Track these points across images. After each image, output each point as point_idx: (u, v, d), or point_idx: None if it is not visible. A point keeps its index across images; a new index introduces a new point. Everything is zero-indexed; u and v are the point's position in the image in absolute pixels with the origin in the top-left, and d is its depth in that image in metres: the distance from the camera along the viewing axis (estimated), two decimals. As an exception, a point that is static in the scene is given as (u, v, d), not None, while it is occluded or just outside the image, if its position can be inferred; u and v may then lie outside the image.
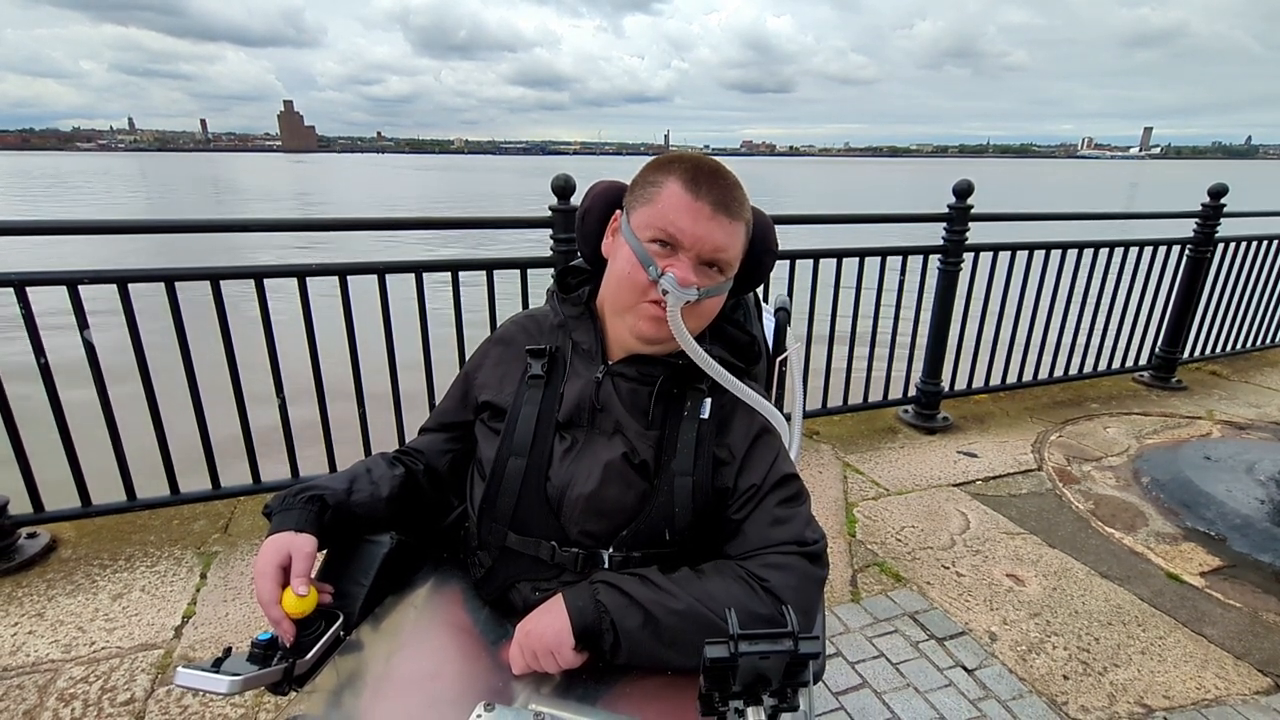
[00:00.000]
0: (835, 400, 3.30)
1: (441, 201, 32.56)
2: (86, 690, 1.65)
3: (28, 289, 2.00)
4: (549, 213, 2.39)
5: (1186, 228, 3.78)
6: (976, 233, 3.15)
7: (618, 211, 0.98)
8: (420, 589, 1.03)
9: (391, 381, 2.47)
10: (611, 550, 0.92)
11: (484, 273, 2.47)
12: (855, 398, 3.37)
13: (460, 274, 2.45)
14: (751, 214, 0.97)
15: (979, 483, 2.82)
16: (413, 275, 2.39)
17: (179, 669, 0.77)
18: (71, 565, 2.13)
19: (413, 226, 2.53)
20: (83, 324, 2.07)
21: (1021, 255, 3.39)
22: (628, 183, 0.99)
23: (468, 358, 1.12)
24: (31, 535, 2.20)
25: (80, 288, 2.03)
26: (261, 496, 2.48)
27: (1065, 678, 1.77)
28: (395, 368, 2.46)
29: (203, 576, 2.09)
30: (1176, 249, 3.79)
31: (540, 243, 2.59)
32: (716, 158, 0.97)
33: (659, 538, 0.92)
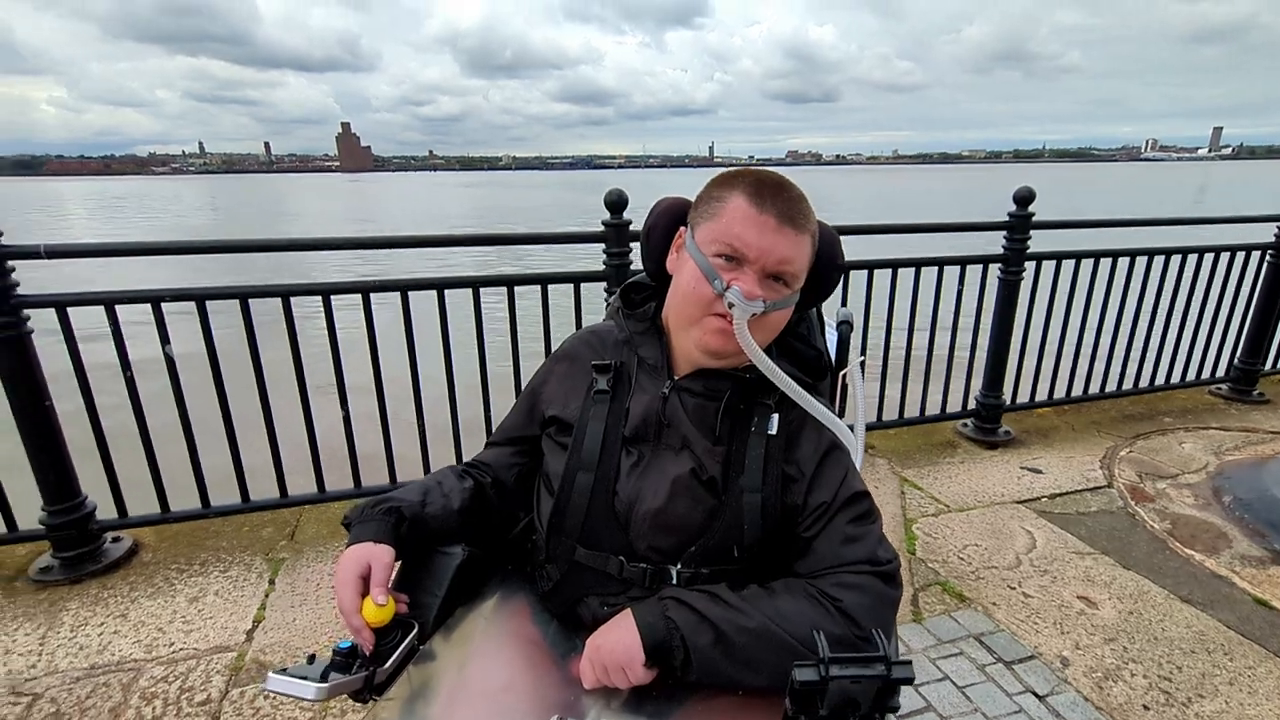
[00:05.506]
0: (891, 414, 3.23)
1: (486, 218, 33.16)
2: (166, 690, 1.73)
3: (116, 306, 2.13)
4: (601, 227, 2.42)
5: (1267, 232, 3.58)
6: (1038, 240, 3.05)
7: (682, 228, 0.99)
8: (488, 600, 1.05)
9: (449, 394, 2.52)
10: (680, 566, 0.92)
11: (539, 287, 2.51)
12: (912, 411, 3.29)
13: (515, 289, 2.49)
14: (817, 227, 0.97)
15: (1044, 500, 2.71)
16: (470, 290, 2.45)
17: (270, 674, 0.81)
18: (152, 569, 2.23)
19: (469, 243, 2.59)
20: (164, 339, 2.19)
21: (1086, 263, 3.26)
22: (691, 199, 1.00)
23: (525, 372, 1.13)
24: (116, 539, 2.32)
25: (162, 305, 2.15)
26: (325, 505, 2.56)
27: (1145, 708, 1.68)
28: (453, 381, 2.51)
29: (271, 582, 2.17)
30: (1256, 255, 3.59)
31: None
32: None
33: (727, 554, 0.92)
